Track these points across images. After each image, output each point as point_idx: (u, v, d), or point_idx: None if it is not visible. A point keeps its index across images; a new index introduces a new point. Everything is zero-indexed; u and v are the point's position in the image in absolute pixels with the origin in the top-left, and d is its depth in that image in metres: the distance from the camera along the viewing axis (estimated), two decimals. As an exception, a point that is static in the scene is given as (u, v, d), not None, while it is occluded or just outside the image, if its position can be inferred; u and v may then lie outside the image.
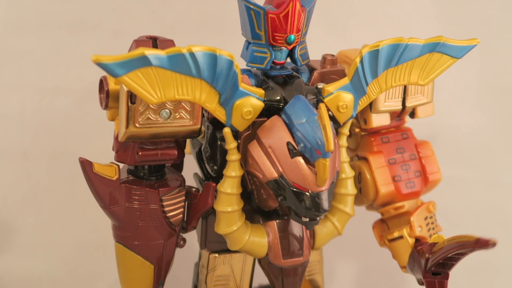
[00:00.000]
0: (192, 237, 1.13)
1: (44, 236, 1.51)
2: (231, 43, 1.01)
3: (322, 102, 1.00)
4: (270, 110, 0.99)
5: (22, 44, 1.47)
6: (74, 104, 1.48)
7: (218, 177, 1.03)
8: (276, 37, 0.98)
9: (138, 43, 0.98)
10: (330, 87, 1.00)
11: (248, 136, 0.99)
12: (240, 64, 0.95)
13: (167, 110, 0.97)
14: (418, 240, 1.14)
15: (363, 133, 1.18)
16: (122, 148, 1.02)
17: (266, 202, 1.02)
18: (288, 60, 1.02)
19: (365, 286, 1.61)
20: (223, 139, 0.99)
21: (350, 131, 1.08)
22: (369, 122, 1.14)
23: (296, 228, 1.05)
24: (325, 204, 0.93)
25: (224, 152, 1.00)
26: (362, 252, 1.58)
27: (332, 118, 1.01)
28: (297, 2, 0.96)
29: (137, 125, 0.96)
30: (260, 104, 0.98)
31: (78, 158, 1.00)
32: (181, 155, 1.04)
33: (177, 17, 1.50)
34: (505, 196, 1.63)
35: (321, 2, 1.09)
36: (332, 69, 1.07)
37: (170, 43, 1.00)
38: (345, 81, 1.00)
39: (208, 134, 1.05)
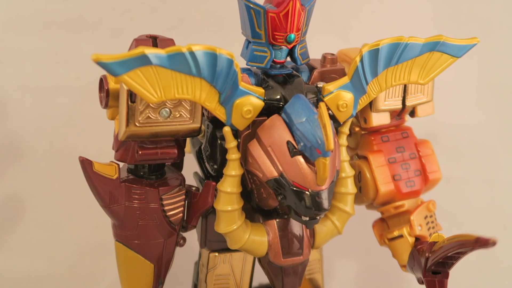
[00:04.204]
0: (192, 236, 1.13)
1: (44, 235, 1.51)
2: (231, 42, 1.02)
3: (322, 101, 1.00)
4: (270, 109, 0.99)
5: (22, 43, 1.47)
6: (74, 103, 1.48)
7: (218, 176, 1.03)
8: (276, 36, 0.98)
9: (138, 42, 0.98)
10: (330, 86, 1.00)
11: (248, 135, 0.99)
12: (240, 63, 0.95)
13: (167, 109, 0.97)
14: (418, 239, 1.14)
15: (363, 132, 1.18)
16: (122, 147, 1.02)
17: (266, 201, 1.02)
18: (288, 59, 1.02)
19: (365, 285, 1.61)
20: (223, 138, 0.99)
21: (350, 130, 1.08)
22: (369, 121, 1.14)
23: (296, 227, 1.05)
24: (325, 203, 0.93)
25: (224, 151, 1.00)
26: (362, 251, 1.58)
27: (332, 117, 1.01)
28: (297, 1, 0.96)
29: (137, 124, 0.96)
30: (260, 103, 0.98)
31: (78, 157, 1.00)
32: (181, 154, 1.04)
33: (177, 16, 1.50)
34: (505, 195, 1.63)
35: (321, 1, 1.09)
36: (332, 68, 1.07)
37: (170, 42, 1.00)
38: (345, 80, 1.01)
39: (208, 133, 1.05)
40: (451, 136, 1.60)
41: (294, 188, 0.93)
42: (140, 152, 1.00)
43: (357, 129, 1.18)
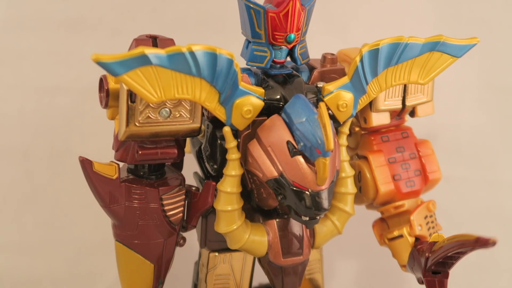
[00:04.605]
0: (192, 236, 1.13)
1: (44, 235, 1.51)
2: (231, 42, 1.02)
3: (322, 101, 1.00)
4: (270, 109, 0.99)
5: (21, 43, 1.47)
6: (74, 103, 1.48)
7: (218, 176, 1.03)
8: (276, 36, 0.98)
9: (138, 42, 0.98)
10: (330, 86, 1.00)
11: (248, 135, 0.99)
12: (240, 63, 0.95)
13: (167, 109, 0.97)
14: (418, 239, 1.14)
15: (363, 132, 1.18)
16: (122, 147, 1.02)
17: (266, 201, 1.02)
18: (288, 59, 1.02)
19: (365, 285, 1.61)
20: (223, 138, 0.99)
21: (350, 130, 1.08)
22: (369, 121, 1.14)
23: (296, 227, 1.05)
24: (325, 203, 0.93)
25: (224, 151, 1.00)
26: (362, 251, 1.58)
27: (332, 117, 1.01)
28: (297, 1, 0.96)
29: (137, 124, 0.96)
30: (260, 103, 0.98)
31: (78, 157, 1.00)
32: (181, 154, 1.04)
33: (177, 16, 1.50)
34: (505, 195, 1.63)
35: (321, 1, 1.09)
36: (332, 68, 1.07)
37: (170, 42, 1.00)
38: (345, 80, 1.01)
39: (208, 133, 1.05)
40: (451, 136, 1.60)
41: (294, 188, 0.93)
42: (140, 152, 1.00)
43: (357, 129, 1.18)
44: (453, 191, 1.56)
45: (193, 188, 1.06)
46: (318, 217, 0.95)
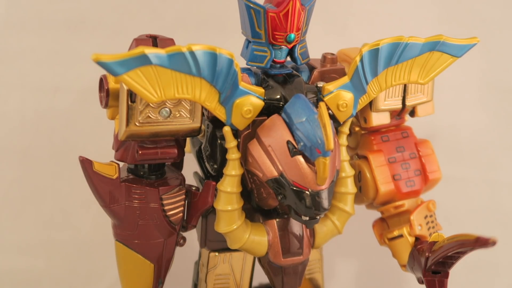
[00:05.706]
0: (192, 236, 1.13)
1: (44, 235, 1.51)
2: (231, 42, 1.02)
3: (322, 101, 1.00)
4: (270, 108, 0.99)
5: (22, 43, 1.47)
6: (74, 103, 1.48)
7: (218, 175, 1.03)
8: (276, 36, 0.98)
9: (138, 42, 0.99)
10: (330, 86, 1.01)
11: (248, 134, 0.99)
12: (240, 63, 0.95)
13: (167, 109, 0.97)
14: (418, 239, 1.14)
15: (363, 132, 1.18)
16: (122, 146, 1.02)
17: (266, 201, 1.02)
18: (288, 59, 1.02)
19: (365, 285, 1.61)
20: (223, 137, 0.99)
21: (350, 129, 1.08)
22: (369, 120, 1.14)
23: (296, 227, 1.05)
24: (325, 203, 0.93)
25: (224, 150, 1.00)
26: (362, 251, 1.58)
27: (332, 117, 1.01)
28: (297, 1, 0.96)
29: (137, 123, 0.96)
30: (260, 103, 0.98)
31: (78, 157, 1.00)
32: (181, 153, 1.04)
33: (177, 16, 1.50)
34: (505, 195, 1.63)
35: (321, 1, 1.09)
36: (332, 68, 1.07)
37: (170, 42, 1.00)
38: (345, 80, 1.01)
39: (208, 132, 1.05)
40: (451, 136, 1.60)
41: (294, 188, 0.93)
42: (140, 152, 1.00)
43: (357, 128, 1.18)
44: (453, 191, 1.56)
45: (193, 188, 1.06)
46: (318, 217, 0.95)
